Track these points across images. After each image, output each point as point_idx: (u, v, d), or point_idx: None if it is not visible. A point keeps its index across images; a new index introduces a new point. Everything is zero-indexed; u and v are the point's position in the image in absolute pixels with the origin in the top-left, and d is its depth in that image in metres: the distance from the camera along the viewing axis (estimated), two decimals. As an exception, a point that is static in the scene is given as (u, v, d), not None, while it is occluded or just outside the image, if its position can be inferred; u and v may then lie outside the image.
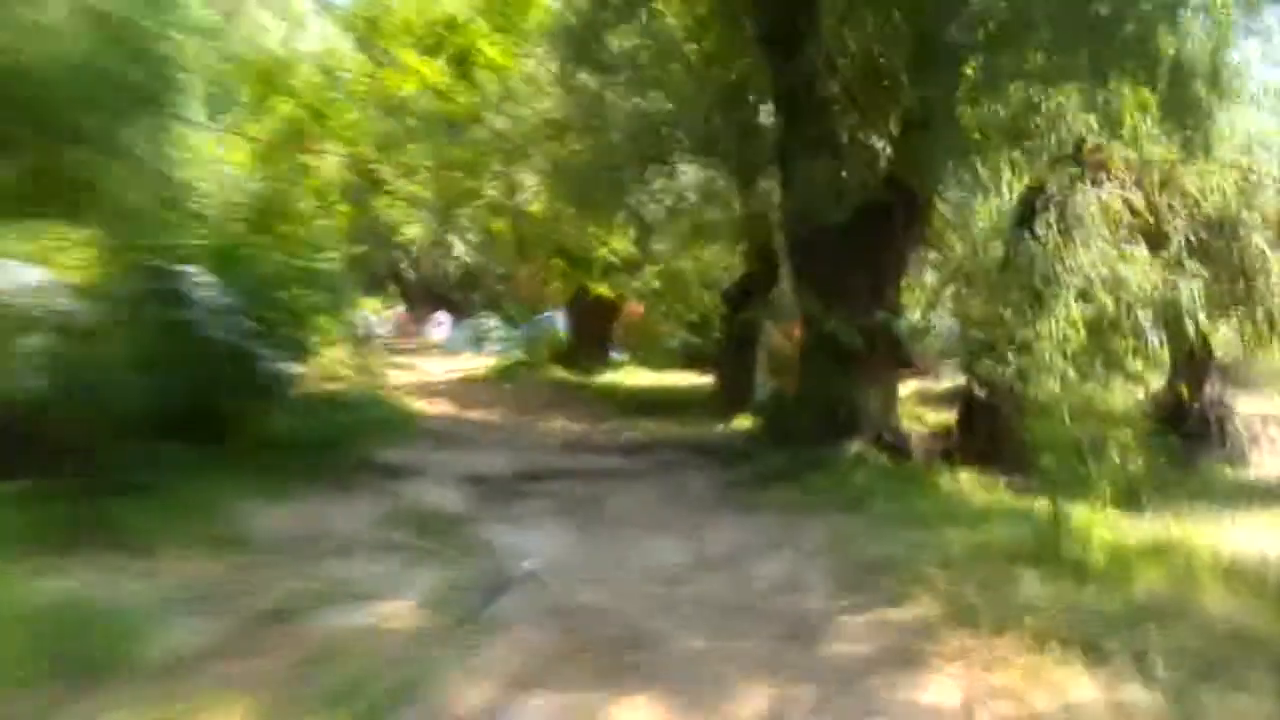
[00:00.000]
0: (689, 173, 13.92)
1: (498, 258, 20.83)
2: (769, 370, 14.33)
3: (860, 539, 6.60)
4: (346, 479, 7.49)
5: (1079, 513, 6.07)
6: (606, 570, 5.90)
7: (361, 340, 31.53)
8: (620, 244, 17.65)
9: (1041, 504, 6.62)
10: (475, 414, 12.72)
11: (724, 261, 17.49)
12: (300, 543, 5.74)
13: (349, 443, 8.30)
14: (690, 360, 20.96)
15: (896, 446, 10.28)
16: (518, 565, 5.69)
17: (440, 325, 38.42)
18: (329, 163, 14.12)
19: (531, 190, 15.95)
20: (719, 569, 6.05)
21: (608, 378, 17.38)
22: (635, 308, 22.11)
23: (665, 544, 6.61)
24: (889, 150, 10.40)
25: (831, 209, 9.73)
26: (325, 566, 5.30)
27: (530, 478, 8.37)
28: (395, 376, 18.66)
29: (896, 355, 10.52)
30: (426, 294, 49.16)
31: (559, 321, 21.71)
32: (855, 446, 9.91)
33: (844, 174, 10.20)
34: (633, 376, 18.24)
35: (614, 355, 22.27)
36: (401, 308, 42.47)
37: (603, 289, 17.91)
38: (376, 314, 39.65)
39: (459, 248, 40.52)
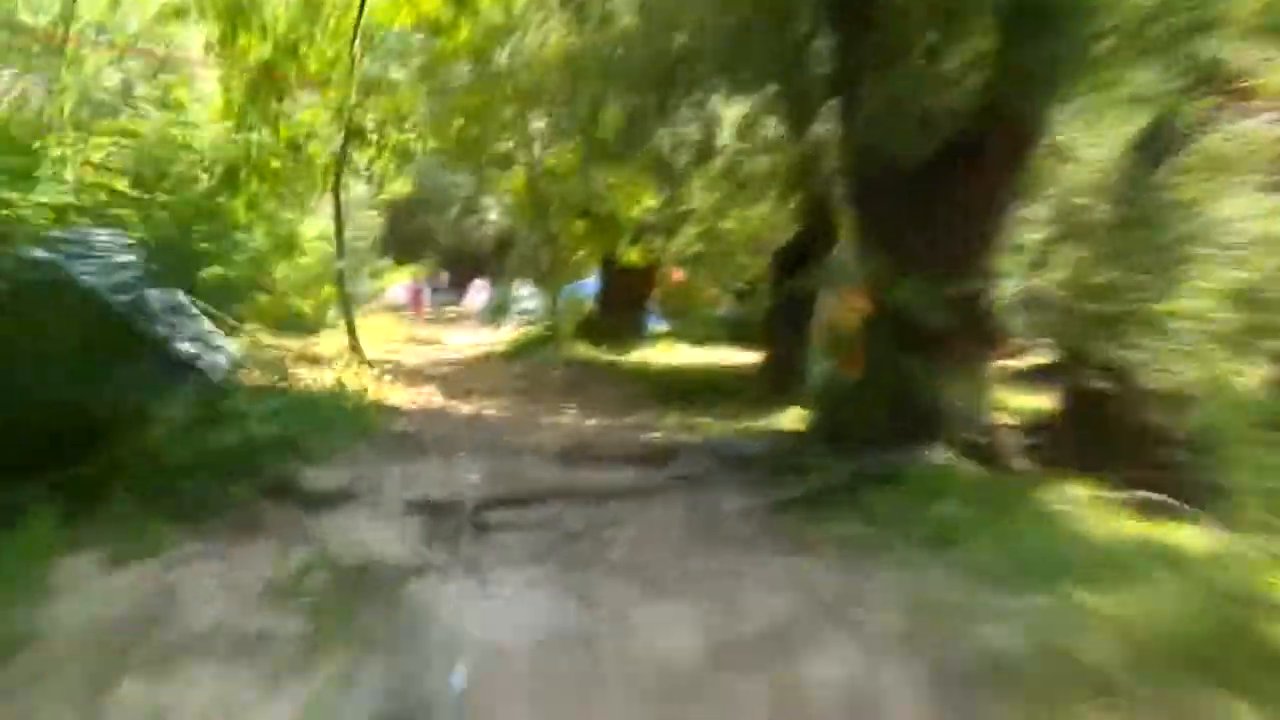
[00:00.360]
0: (724, 108, 11.78)
1: (517, 218, 18.87)
2: (825, 349, 12.20)
3: (959, 610, 4.58)
4: (253, 513, 5.62)
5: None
6: (583, 673, 3.96)
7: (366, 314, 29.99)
8: (653, 201, 15.65)
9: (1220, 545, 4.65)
10: (468, 405, 10.81)
11: (775, 219, 15.36)
12: (111, 640, 3.86)
13: (269, 459, 6.41)
14: (737, 333, 18.95)
15: (986, 450, 8.21)
16: (445, 676, 3.78)
17: (479, 293, 36.61)
18: (308, 110, 12.26)
19: (547, 139, 13.98)
20: (750, 671, 4.07)
21: (640, 355, 15.37)
22: (676, 273, 20.07)
23: (679, 616, 4.65)
24: (982, 69, 8.19)
25: (906, 145, 7.68)
26: (119, 694, 3.41)
27: (508, 503, 6.41)
28: (400, 355, 16.94)
29: (988, 334, 8.40)
30: (464, 260, 47.71)
31: (593, 289, 19.68)
32: (935, 452, 7.92)
33: (922, 100, 8.10)
34: (669, 353, 16.22)
35: (654, 325, 20.29)
36: (432, 275, 40.88)
37: (633, 254, 15.86)
38: (415, 280, 38.19)
39: (492, 209, 38.98)
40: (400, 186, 15.44)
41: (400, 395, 10.87)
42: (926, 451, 7.97)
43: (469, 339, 21.38)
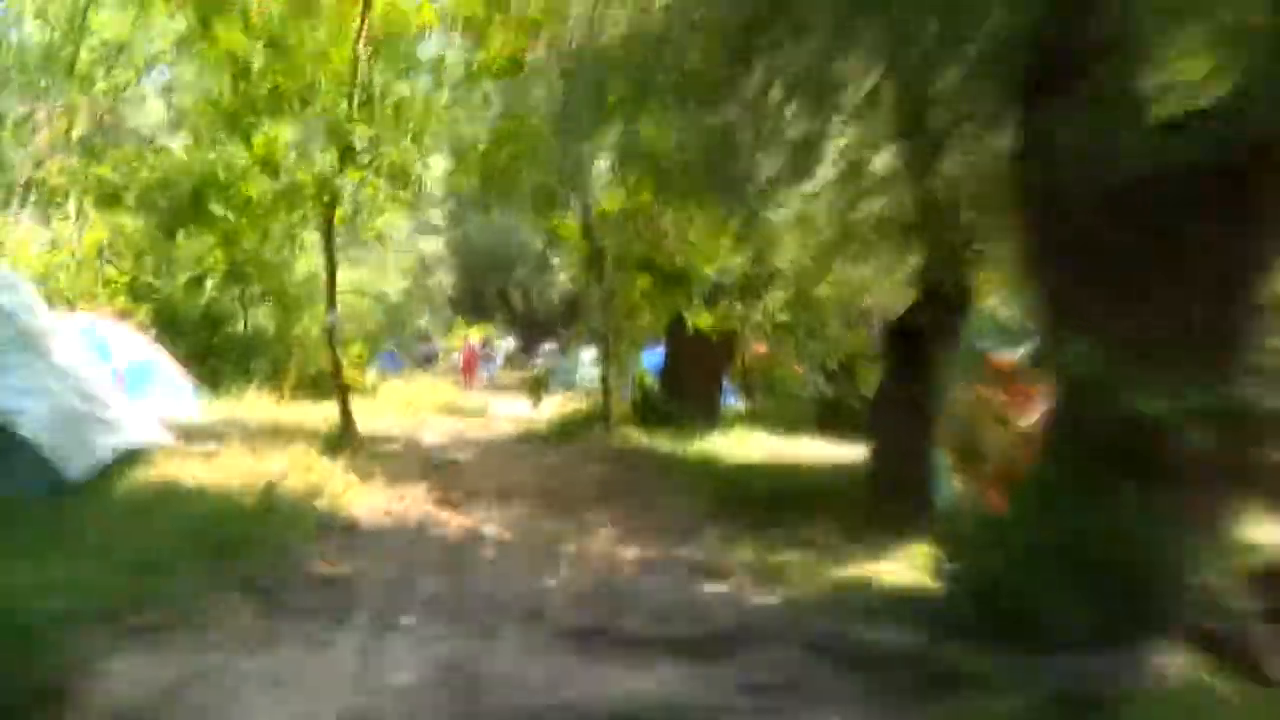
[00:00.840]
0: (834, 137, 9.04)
1: (571, 272, 16.28)
2: (956, 458, 9.20)
3: None
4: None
5: None
6: None
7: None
8: (733, 254, 12.95)
9: None
10: (466, 517, 8.02)
11: (883, 281, 12.49)
12: None
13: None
14: (828, 420, 15.95)
15: (1230, 645, 5.22)
16: None
17: (545, 357, 34.28)
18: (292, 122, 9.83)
19: (603, 174, 11.39)
20: None
21: (708, 445, 12.47)
22: (757, 345, 17.17)
23: None
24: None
25: (1133, 169, 4.89)
26: None
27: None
28: (418, 430, 14.35)
29: (1253, 463, 5.42)
30: (534, 322, 45.56)
31: (658, 361, 16.81)
32: (1157, 649, 5.03)
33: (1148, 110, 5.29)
34: (744, 443, 13.29)
35: (730, 402, 17.41)
36: (491, 339, 38.75)
37: (706, 319, 13.07)
38: (471, 342, 36.09)
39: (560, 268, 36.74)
40: (395, 220, 12.77)
41: (372, 499, 8.17)
42: (1150, 654, 5.07)
43: (516, 411, 18.73)
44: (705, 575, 6.61)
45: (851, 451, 13.12)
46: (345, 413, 11.34)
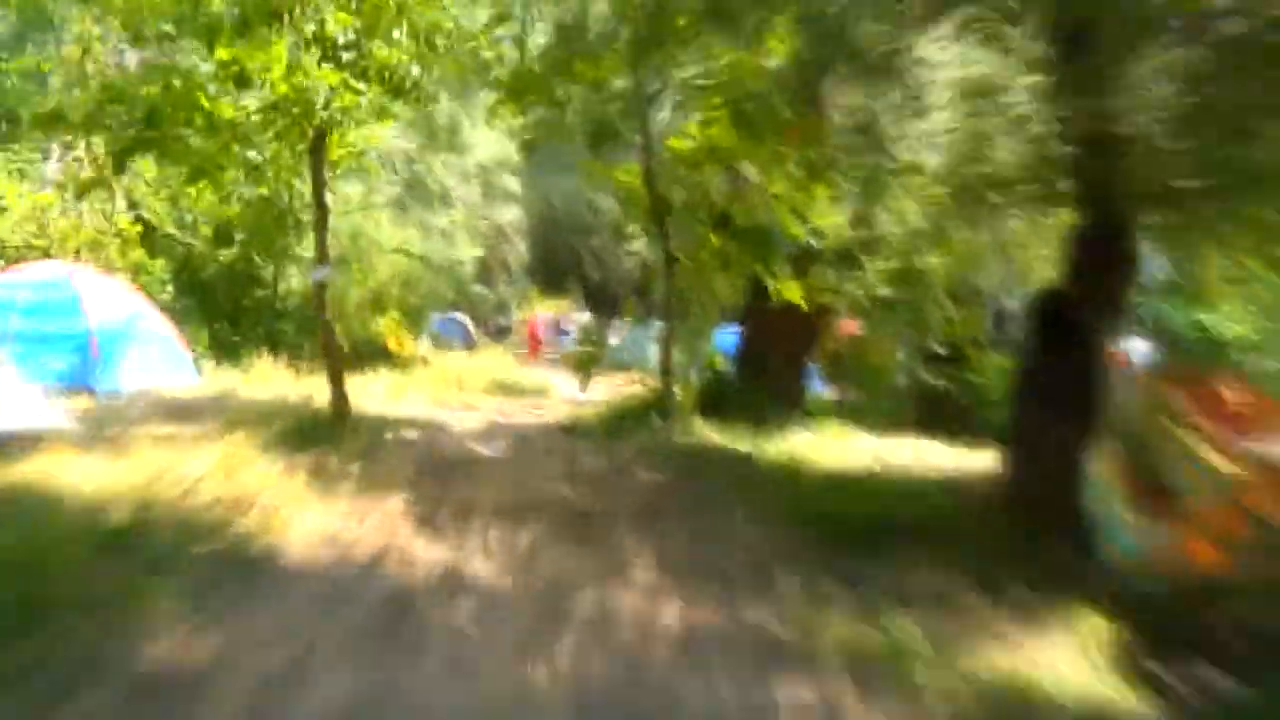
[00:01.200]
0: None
1: (633, 231, 14.07)
2: (1127, 482, 6.78)
3: None
4: None
5: None
6: None
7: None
8: (829, 215, 10.73)
9: None
10: (444, 548, 5.78)
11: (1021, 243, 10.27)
12: None
13: None
14: (932, 413, 13.60)
15: None
16: None
17: (617, 331, 32.20)
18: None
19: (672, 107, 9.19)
20: None
21: (791, 444, 10.24)
22: (847, 323, 14.77)
23: None
24: None
25: None
26: None
27: None
28: (449, 414, 12.36)
29: None
30: (607, 294, 43.49)
31: (731, 340, 14.43)
32: None
33: None
34: (837, 441, 11.02)
35: (817, 390, 15.09)
36: (568, 311, 36.80)
37: (792, 289, 10.79)
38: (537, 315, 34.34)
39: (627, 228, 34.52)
40: (378, 138, 10.47)
41: (323, 518, 6.05)
42: None
43: (576, 393, 16.61)
44: (783, 664, 4.41)
45: (968, 458, 10.78)
46: (339, 393, 9.33)
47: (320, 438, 8.32)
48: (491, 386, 17.61)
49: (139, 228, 14.89)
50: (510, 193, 37.70)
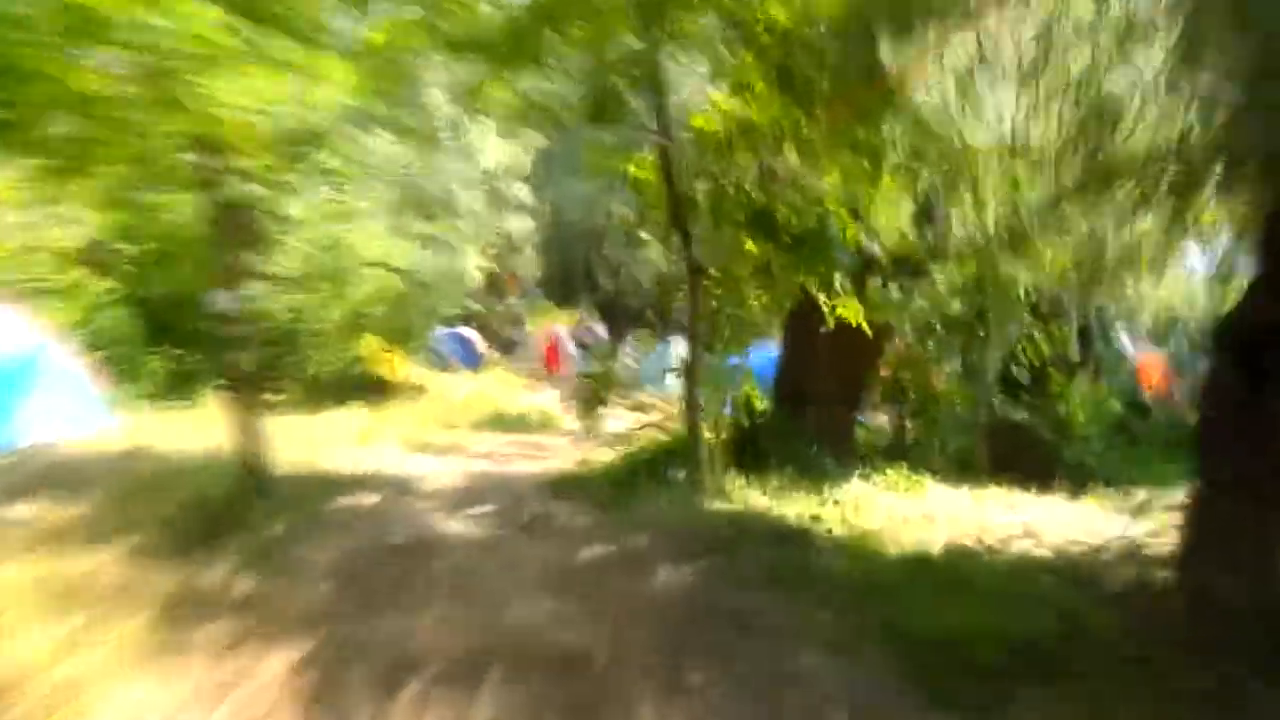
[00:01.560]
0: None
1: (646, 233, 11.70)
2: None
3: None
4: None
5: None
6: None
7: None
8: (890, 213, 8.56)
9: None
10: None
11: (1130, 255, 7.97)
12: None
13: None
14: (1009, 455, 11.28)
15: None
16: None
17: (633, 348, 29.92)
18: None
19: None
20: None
21: (852, 498, 7.93)
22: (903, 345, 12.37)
23: None
24: None
25: None
26: None
27: None
28: (423, 459, 10.15)
29: None
30: (622, 306, 41.25)
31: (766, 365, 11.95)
32: None
33: None
34: (907, 494, 8.72)
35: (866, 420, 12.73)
36: (581, 324, 34.43)
37: (854, 310, 8.46)
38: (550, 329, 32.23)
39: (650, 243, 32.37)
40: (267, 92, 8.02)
41: (142, 712, 3.79)
42: None
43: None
44: None
45: (1085, 517, 8.50)
46: (249, 452, 7.02)
47: (222, 521, 6.06)
48: (489, 419, 15.30)
49: (69, 242, 12.69)
50: (520, 201, 35.79)
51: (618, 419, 12.30)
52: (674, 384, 17.62)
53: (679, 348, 20.92)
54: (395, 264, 16.86)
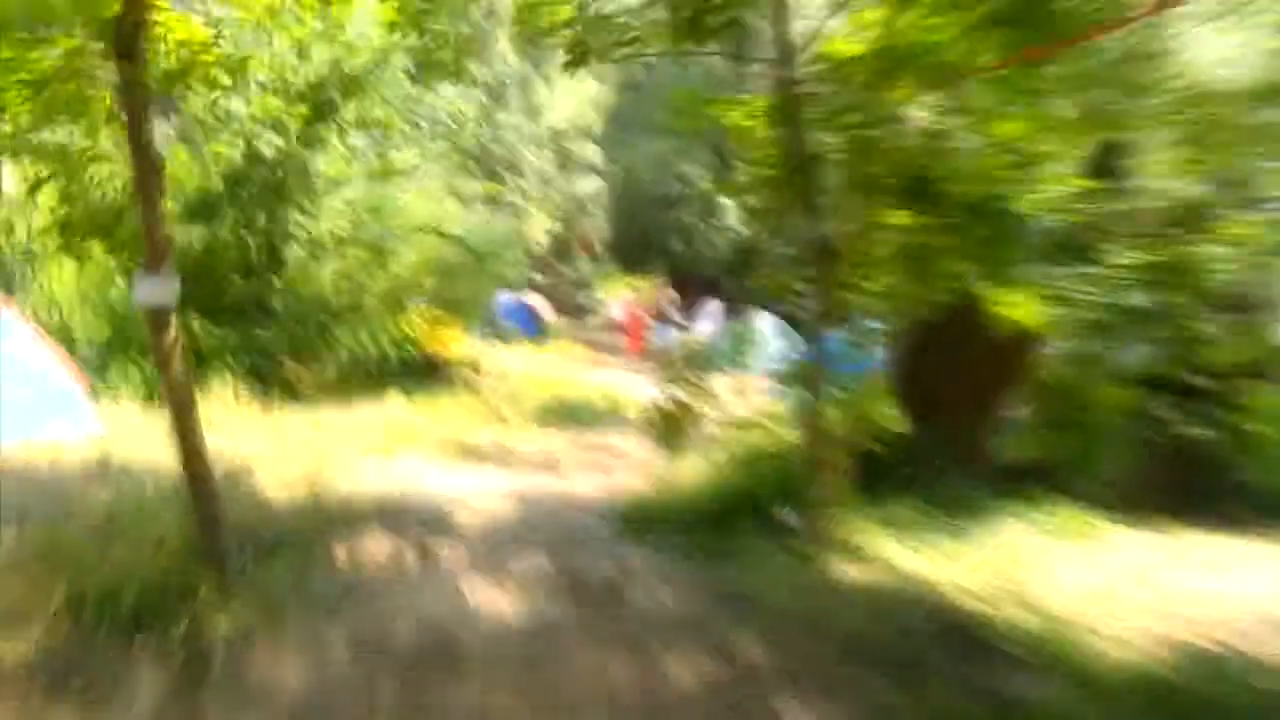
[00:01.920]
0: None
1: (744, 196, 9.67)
2: None
3: None
4: None
5: None
6: None
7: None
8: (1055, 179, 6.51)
9: None
10: None
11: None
12: None
13: None
14: (1180, 480, 9.21)
15: None
16: None
17: (711, 320, 27.87)
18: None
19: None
20: None
21: (1016, 556, 5.96)
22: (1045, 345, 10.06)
23: None
24: None
25: None
26: None
27: None
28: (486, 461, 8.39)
29: None
30: (696, 274, 39.49)
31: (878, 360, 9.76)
32: None
33: None
34: (1085, 545, 6.73)
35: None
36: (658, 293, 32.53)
37: (1025, 309, 6.41)
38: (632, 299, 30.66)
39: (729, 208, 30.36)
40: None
41: None
42: None
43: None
44: None
45: None
46: (203, 501, 5.05)
47: (154, 607, 4.27)
48: (550, 408, 13.41)
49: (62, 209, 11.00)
50: (589, 161, 34.40)
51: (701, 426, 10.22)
52: (757, 366, 15.65)
53: (768, 323, 18.84)
54: (450, 228, 14.97)
